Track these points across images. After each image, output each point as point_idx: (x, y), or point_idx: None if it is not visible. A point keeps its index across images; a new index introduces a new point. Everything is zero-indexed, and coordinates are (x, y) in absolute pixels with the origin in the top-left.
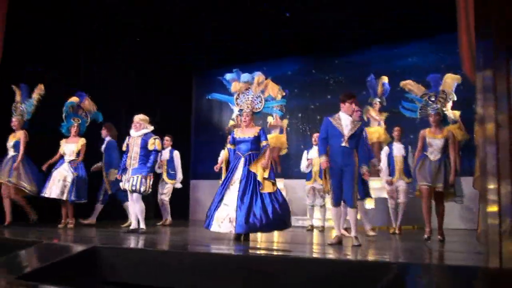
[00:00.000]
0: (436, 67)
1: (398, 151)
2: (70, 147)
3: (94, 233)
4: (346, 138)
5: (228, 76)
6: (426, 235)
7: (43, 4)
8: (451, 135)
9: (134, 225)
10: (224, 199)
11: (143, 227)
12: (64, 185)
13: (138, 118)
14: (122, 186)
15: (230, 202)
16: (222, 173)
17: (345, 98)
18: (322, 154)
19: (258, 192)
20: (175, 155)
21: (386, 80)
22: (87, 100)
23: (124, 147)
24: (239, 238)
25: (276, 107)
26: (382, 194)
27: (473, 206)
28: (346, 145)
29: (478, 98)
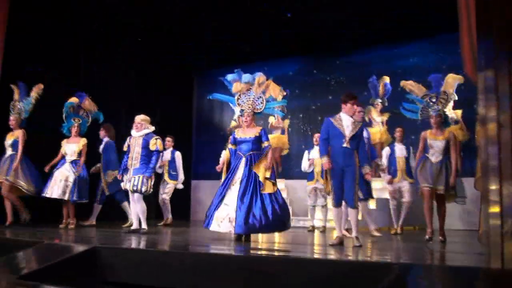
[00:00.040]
0: (437, 68)
1: (400, 152)
2: (71, 147)
3: (95, 233)
4: (347, 138)
5: (229, 76)
6: (427, 236)
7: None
8: (452, 137)
9: (135, 225)
10: (224, 199)
11: (145, 227)
12: (66, 185)
13: (139, 118)
14: (123, 186)
15: (231, 202)
16: (223, 173)
17: (346, 99)
18: (323, 155)
19: (258, 192)
20: (177, 156)
21: (387, 80)
22: (87, 100)
23: (125, 148)
24: (240, 239)
25: (277, 108)
26: (383, 194)
27: (474, 207)
28: (347, 145)
29: (480, 99)
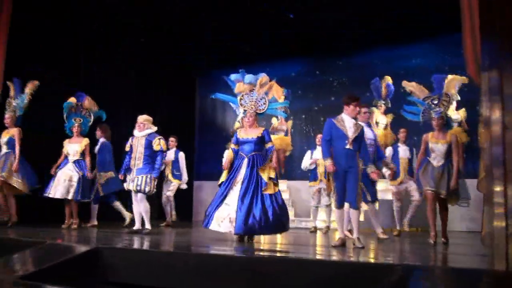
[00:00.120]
0: (439, 69)
1: (403, 153)
2: (73, 147)
3: (97, 233)
4: (350, 140)
5: (233, 76)
6: (431, 240)
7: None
8: (455, 139)
9: (137, 225)
10: (226, 199)
11: (149, 227)
12: (70, 185)
13: (142, 118)
14: (126, 186)
15: (232, 202)
16: (223, 173)
17: (349, 100)
18: (327, 157)
19: (259, 193)
20: (180, 157)
21: (390, 81)
22: (87, 99)
23: (127, 148)
24: (243, 239)
25: (280, 109)
26: (386, 196)
27: (476, 209)
28: (350, 147)
29: (484, 100)
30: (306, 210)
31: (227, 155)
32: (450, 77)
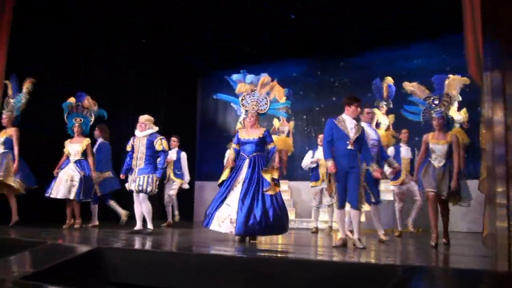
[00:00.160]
0: (441, 69)
1: (405, 154)
2: (74, 147)
3: (98, 234)
4: (352, 140)
5: (234, 76)
6: (433, 242)
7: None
8: (455, 139)
9: (138, 225)
10: (227, 199)
11: (151, 228)
12: (72, 184)
13: (143, 118)
14: (128, 186)
15: (233, 203)
16: (225, 172)
17: (351, 101)
18: (328, 158)
19: (260, 194)
20: (182, 157)
21: (391, 81)
22: (87, 99)
23: (128, 148)
24: (244, 240)
25: (281, 109)
26: (386, 196)
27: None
28: (351, 147)
29: (486, 100)
30: (307, 211)
31: (229, 155)
32: (451, 77)
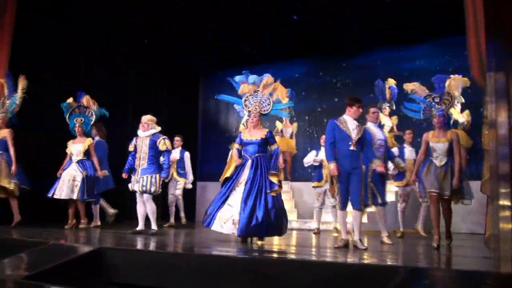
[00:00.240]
0: (443, 70)
1: (410, 154)
2: (76, 147)
3: (100, 234)
4: (354, 141)
5: (237, 78)
6: (435, 243)
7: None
8: (456, 137)
9: (140, 226)
10: (228, 200)
11: (155, 228)
12: (74, 184)
13: (146, 118)
14: (131, 187)
15: (235, 203)
16: (230, 168)
17: (353, 102)
18: (331, 160)
19: (263, 195)
20: (186, 157)
21: (393, 83)
22: (85, 98)
23: (131, 148)
24: (246, 241)
25: (284, 110)
26: (388, 197)
27: (478, 210)
28: (354, 148)
29: (489, 102)
30: (309, 212)
31: (233, 153)
32: (452, 77)
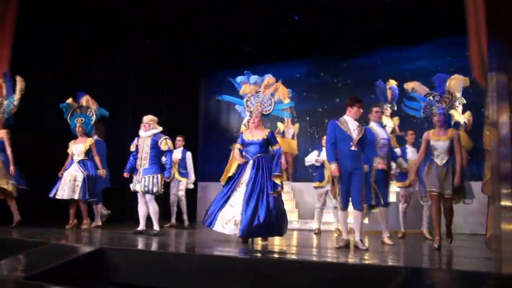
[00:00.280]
0: (444, 71)
1: (412, 155)
2: (78, 147)
3: (101, 234)
4: (355, 142)
5: (239, 78)
6: (436, 244)
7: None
8: (457, 135)
9: (141, 226)
10: (230, 200)
11: (157, 229)
12: (75, 184)
13: (147, 118)
14: (133, 187)
15: (236, 204)
16: (231, 169)
17: (354, 102)
18: (332, 161)
19: (265, 195)
20: (188, 156)
21: (394, 84)
22: (84, 98)
23: (132, 148)
24: (247, 241)
25: (285, 110)
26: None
27: (479, 211)
28: (355, 149)
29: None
30: (310, 212)
31: (235, 154)
32: (452, 76)
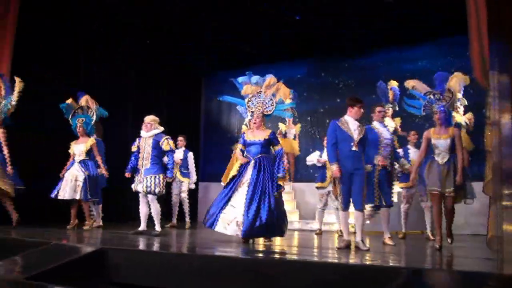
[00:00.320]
0: (445, 71)
1: (414, 155)
2: (79, 148)
3: (102, 234)
4: (356, 142)
5: (240, 79)
6: (437, 244)
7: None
8: (458, 133)
9: (142, 226)
10: (231, 201)
11: (158, 229)
12: (76, 184)
13: (148, 118)
14: (134, 187)
15: (238, 204)
16: (233, 169)
17: (355, 102)
18: (333, 162)
19: (266, 196)
20: (189, 157)
21: (395, 85)
22: (84, 98)
23: (134, 148)
24: (248, 241)
25: (287, 110)
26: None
27: (480, 211)
28: (356, 149)
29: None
30: (311, 212)
31: (237, 154)
32: (453, 75)
